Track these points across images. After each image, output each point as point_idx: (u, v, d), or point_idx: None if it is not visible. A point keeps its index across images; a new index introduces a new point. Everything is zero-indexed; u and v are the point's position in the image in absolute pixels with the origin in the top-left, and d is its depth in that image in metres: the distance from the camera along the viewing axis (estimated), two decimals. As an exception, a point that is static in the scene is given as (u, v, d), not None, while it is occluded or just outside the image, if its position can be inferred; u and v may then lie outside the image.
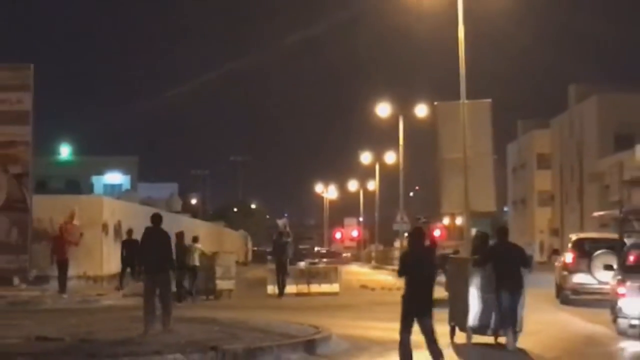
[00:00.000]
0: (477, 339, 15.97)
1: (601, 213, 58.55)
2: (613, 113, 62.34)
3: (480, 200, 33.45)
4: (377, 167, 73.32)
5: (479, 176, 32.77)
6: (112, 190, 61.23)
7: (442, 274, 33.53)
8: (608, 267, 21.56)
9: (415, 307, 12.49)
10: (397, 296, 13.29)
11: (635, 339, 17.23)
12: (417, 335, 12.17)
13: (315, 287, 31.19)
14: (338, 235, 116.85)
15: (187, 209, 72.51)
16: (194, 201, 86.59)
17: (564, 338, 18.05)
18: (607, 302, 20.17)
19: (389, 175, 70.52)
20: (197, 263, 28.84)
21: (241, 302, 27.30)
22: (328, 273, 32.68)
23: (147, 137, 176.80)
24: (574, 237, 30.01)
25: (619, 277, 18.70)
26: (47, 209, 30.88)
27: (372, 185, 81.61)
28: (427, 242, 13.14)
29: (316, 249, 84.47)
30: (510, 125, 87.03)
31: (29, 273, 29.69)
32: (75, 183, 56.28)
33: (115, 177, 72.03)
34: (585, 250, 27.17)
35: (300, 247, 71.36)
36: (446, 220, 77.79)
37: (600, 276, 24.50)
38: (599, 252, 25.88)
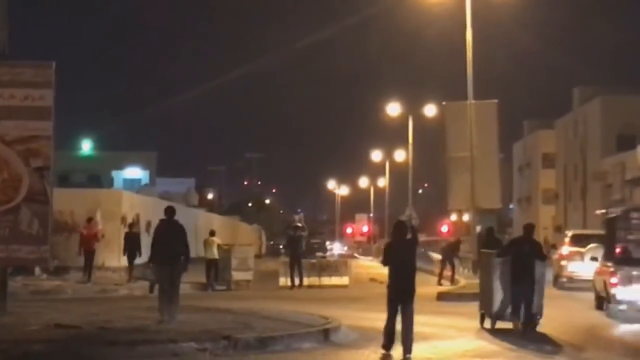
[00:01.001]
0: (502, 324, 17.50)
1: (603, 211, 59.49)
2: (616, 114, 63.08)
3: (486, 197, 34.50)
4: (387, 164, 74.36)
5: (485, 174, 33.80)
6: (132, 185, 62.20)
7: (447, 264, 34.77)
8: (594, 259, 23.50)
9: (399, 295, 13.66)
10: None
11: (626, 322, 19.35)
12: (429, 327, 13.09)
13: (326, 280, 31.92)
14: (349, 230, 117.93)
15: (204, 204, 73.51)
16: (210, 196, 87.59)
17: (570, 323, 19.19)
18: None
19: (398, 173, 71.54)
20: (216, 256, 30.08)
21: (255, 293, 28.13)
22: (338, 266, 33.61)
23: (167, 134, 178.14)
24: (570, 232, 34.48)
25: (611, 268, 20.84)
26: (68, 202, 31.92)
27: (382, 182, 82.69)
28: (409, 235, 14.23)
29: (327, 243, 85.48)
30: (517, 125, 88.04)
31: (49, 263, 30.72)
32: (96, 177, 57.26)
33: (134, 172, 72.94)
34: (579, 244, 31.18)
35: (312, 241, 72.34)
36: (454, 217, 78.73)
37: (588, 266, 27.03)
38: (590, 245, 28.97)
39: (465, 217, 61.59)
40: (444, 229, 66.83)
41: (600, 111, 65.06)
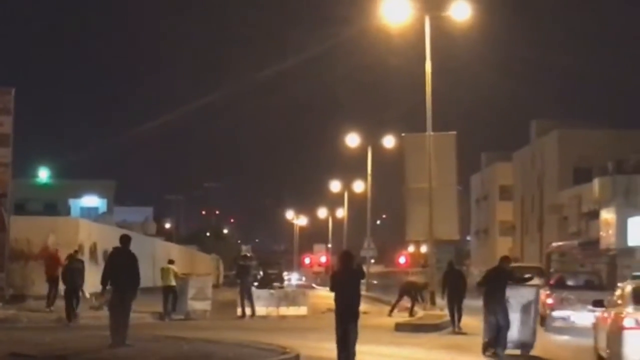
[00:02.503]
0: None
1: (559, 244, 60.03)
2: (572, 147, 63.80)
3: (444, 228, 34.73)
4: (345, 195, 74.50)
5: (443, 206, 34.05)
6: (89, 213, 61.86)
7: (406, 297, 34.71)
8: None
9: (344, 318, 15.15)
10: (362, 320, 14.80)
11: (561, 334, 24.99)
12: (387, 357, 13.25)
13: (284, 310, 31.98)
14: (307, 260, 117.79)
15: (162, 233, 73.22)
16: (168, 225, 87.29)
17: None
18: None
19: (357, 203, 71.66)
20: (173, 283, 29.93)
21: (213, 323, 27.96)
22: (296, 296, 33.56)
23: (124, 163, 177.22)
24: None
25: (547, 292, 27.11)
26: (24, 230, 31.66)
27: (341, 212, 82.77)
28: (355, 265, 15.95)
29: (285, 274, 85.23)
30: (474, 157, 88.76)
31: (5, 292, 30.33)
32: (53, 205, 56.83)
33: (92, 201, 72.57)
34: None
35: (269, 271, 72.06)
36: (411, 248, 79.01)
37: None
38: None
39: (423, 249, 61.86)
40: (402, 260, 67.07)
41: (557, 144, 65.76)
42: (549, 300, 26.96)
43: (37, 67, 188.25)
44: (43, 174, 74.02)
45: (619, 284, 18.14)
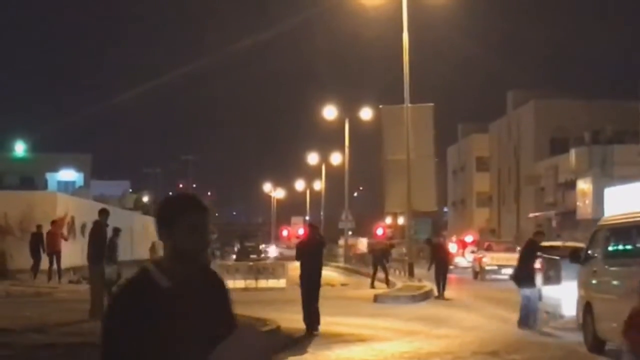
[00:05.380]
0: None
1: (536, 214, 60.52)
2: (549, 118, 64.15)
3: (421, 200, 34.88)
4: (323, 167, 74.62)
5: (421, 177, 34.18)
6: (66, 187, 61.58)
7: (380, 268, 34.92)
8: None
9: (309, 285, 17.29)
10: (341, 292, 14.90)
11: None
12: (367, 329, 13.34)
13: (262, 283, 32.06)
14: (285, 233, 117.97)
15: (139, 206, 72.90)
16: (145, 199, 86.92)
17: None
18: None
19: (334, 176, 71.86)
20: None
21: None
22: (275, 269, 33.65)
23: (101, 136, 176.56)
24: None
25: None
26: (1, 205, 31.52)
27: (319, 185, 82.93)
28: (318, 236, 18.35)
29: (262, 246, 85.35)
30: (451, 128, 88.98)
31: (-17, 266, 30.28)
32: (30, 179, 56.56)
33: (69, 175, 72.18)
34: None
35: (246, 244, 72.15)
36: (388, 220, 79.27)
37: None
38: None
39: (401, 220, 62.07)
40: (379, 231, 67.26)
41: (534, 115, 66.06)
42: None
43: (12, 38, 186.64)
44: (19, 148, 73.60)
45: None
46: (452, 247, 41.28)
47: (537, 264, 19.05)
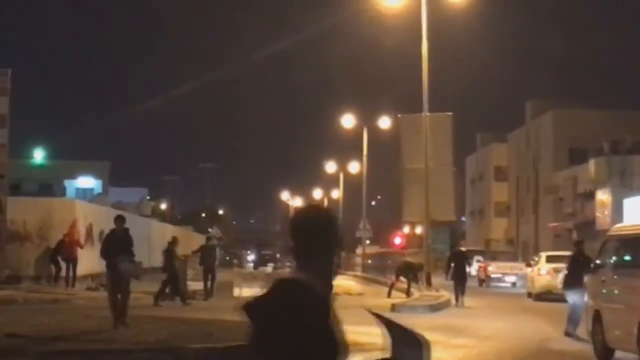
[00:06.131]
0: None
1: (555, 224, 60.24)
2: (568, 128, 63.89)
3: (440, 209, 34.74)
4: (341, 176, 74.55)
5: (439, 187, 34.04)
6: (84, 194, 61.79)
7: (402, 278, 34.78)
8: None
9: None
10: (358, 301, 14.76)
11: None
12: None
13: (280, 291, 32.02)
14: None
15: (157, 214, 73.13)
16: (163, 206, 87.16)
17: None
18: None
19: (352, 185, 71.78)
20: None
21: (210, 304, 28.09)
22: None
23: (120, 143, 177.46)
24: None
25: None
26: (20, 211, 31.64)
27: (336, 193, 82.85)
28: None
29: (278, 255, 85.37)
30: (470, 138, 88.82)
31: (1, 272, 30.38)
32: (48, 186, 56.76)
33: (87, 182, 72.47)
34: None
35: (263, 252, 72.25)
36: (406, 229, 79.13)
37: None
38: None
39: (418, 229, 61.91)
40: (397, 240, 67.13)
41: (553, 125, 65.82)
42: None
43: (33, 48, 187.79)
44: (38, 155, 73.98)
45: None
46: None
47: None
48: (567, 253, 38.01)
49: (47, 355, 13.39)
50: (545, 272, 34.16)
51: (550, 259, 35.07)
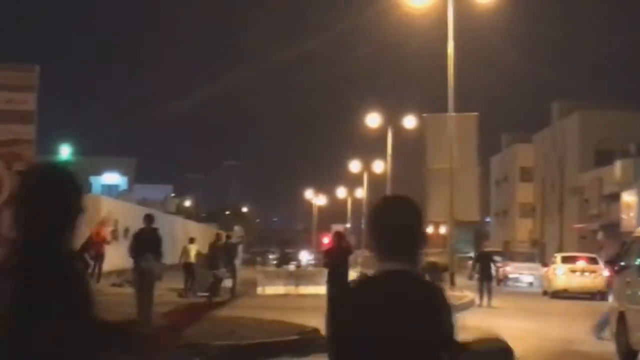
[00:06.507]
0: None
1: (580, 225, 59.95)
2: (594, 129, 63.55)
3: (464, 210, 34.68)
4: (365, 175, 74.53)
5: (463, 187, 33.99)
6: (110, 191, 62.08)
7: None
8: None
9: (334, 290, 18.01)
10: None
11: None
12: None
13: (303, 289, 32.14)
14: (325, 240, 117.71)
15: (181, 211, 73.35)
16: (188, 203, 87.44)
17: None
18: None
19: (376, 184, 71.67)
20: (192, 260, 30.19)
21: (234, 301, 28.19)
22: (315, 275, 33.67)
23: (146, 141, 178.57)
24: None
25: None
26: (46, 207, 31.99)
27: (360, 193, 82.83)
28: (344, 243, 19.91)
29: (302, 253, 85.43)
30: (494, 138, 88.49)
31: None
32: (74, 182, 57.08)
33: (112, 178, 72.75)
34: None
35: (287, 251, 72.26)
36: (430, 229, 78.96)
37: None
38: None
39: (442, 229, 61.77)
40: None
41: (579, 126, 65.50)
42: None
43: (62, 45, 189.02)
44: (65, 151, 74.27)
45: None
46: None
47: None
48: (582, 254, 39.62)
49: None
50: (561, 272, 36.35)
51: (565, 260, 37.73)
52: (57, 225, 3.32)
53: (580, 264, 37.05)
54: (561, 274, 36.32)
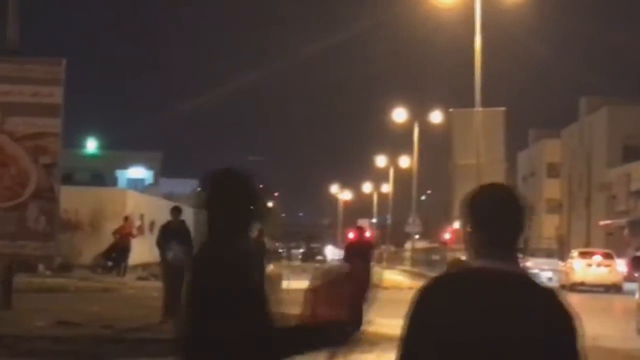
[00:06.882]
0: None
1: (607, 222, 59.57)
2: (622, 125, 63.09)
3: (490, 205, 34.47)
4: (391, 170, 74.38)
5: (490, 182, 33.77)
6: (135, 185, 62.27)
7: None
8: None
9: (359, 285, 18.59)
10: (407, 295, 14.60)
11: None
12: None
13: (328, 284, 32.12)
14: (351, 235, 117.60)
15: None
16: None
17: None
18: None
19: (402, 179, 71.55)
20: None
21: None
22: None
23: (172, 134, 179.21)
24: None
25: None
26: (73, 201, 31.93)
27: (386, 188, 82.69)
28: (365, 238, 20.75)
29: (327, 248, 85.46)
30: (522, 134, 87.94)
31: (55, 260, 30.75)
32: (100, 176, 57.38)
33: (138, 172, 72.94)
34: None
35: (312, 245, 72.41)
36: (456, 224, 78.72)
37: None
38: None
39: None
40: (447, 236, 66.84)
41: (607, 121, 65.04)
42: None
43: (89, 38, 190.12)
44: (91, 145, 74.65)
45: None
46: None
47: None
48: (598, 250, 41.48)
49: (96, 342, 13.51)
50: (578, 266, 38.02)
51: (582, 255, 39.58)
52: (241, 225, 3.74)
53: (596, 258, 38.53)
54: (579, 268, 38.05)
